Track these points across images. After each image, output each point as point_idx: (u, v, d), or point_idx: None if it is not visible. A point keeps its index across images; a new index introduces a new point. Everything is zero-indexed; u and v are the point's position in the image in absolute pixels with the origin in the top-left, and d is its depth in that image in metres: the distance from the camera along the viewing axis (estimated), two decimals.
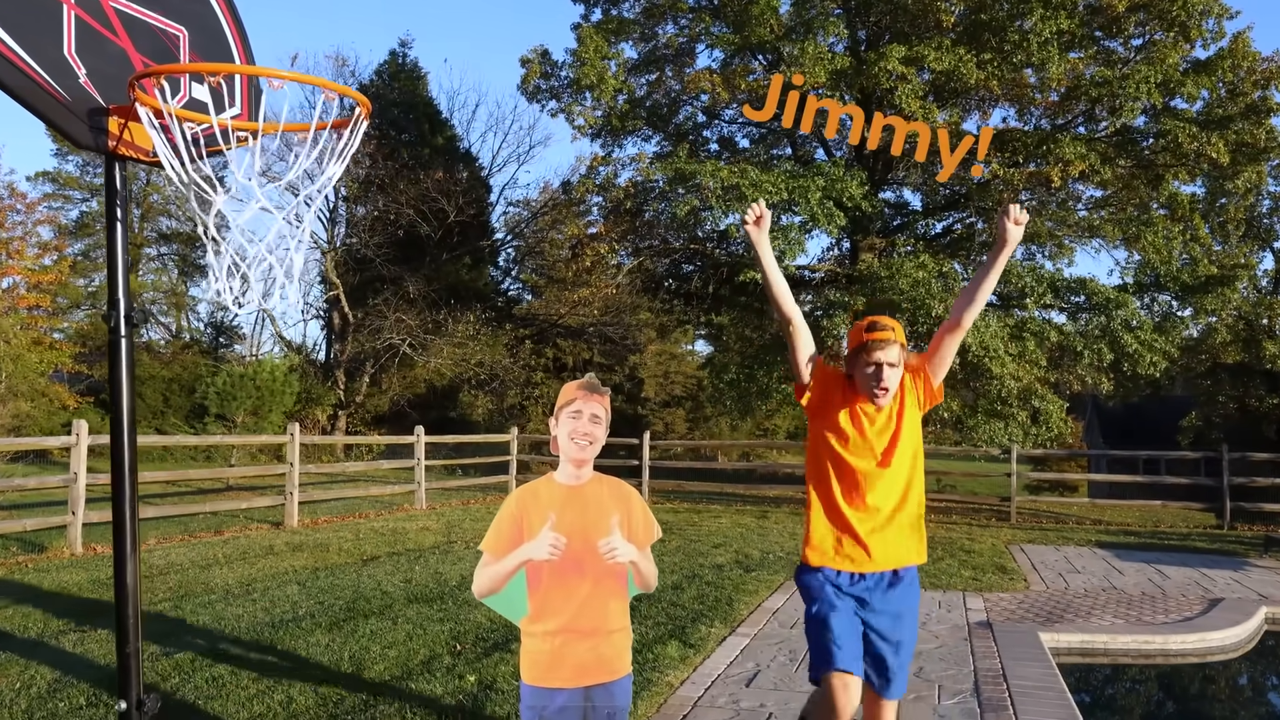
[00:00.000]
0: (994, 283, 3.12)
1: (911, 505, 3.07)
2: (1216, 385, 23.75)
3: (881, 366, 2.97)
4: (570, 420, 2.71)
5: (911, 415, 3.08)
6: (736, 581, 7.75)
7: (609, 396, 2.86)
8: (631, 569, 2.75)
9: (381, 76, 32.87)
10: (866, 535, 3.00)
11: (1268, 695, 5.82)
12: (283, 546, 9.71)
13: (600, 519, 2.69)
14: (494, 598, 2.70)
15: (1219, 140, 15.61)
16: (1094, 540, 11.36)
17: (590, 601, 2.65)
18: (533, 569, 2.65)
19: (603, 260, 21.54)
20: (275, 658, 5.23)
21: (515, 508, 2.70)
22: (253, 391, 20.86)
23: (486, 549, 2.69)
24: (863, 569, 3.03)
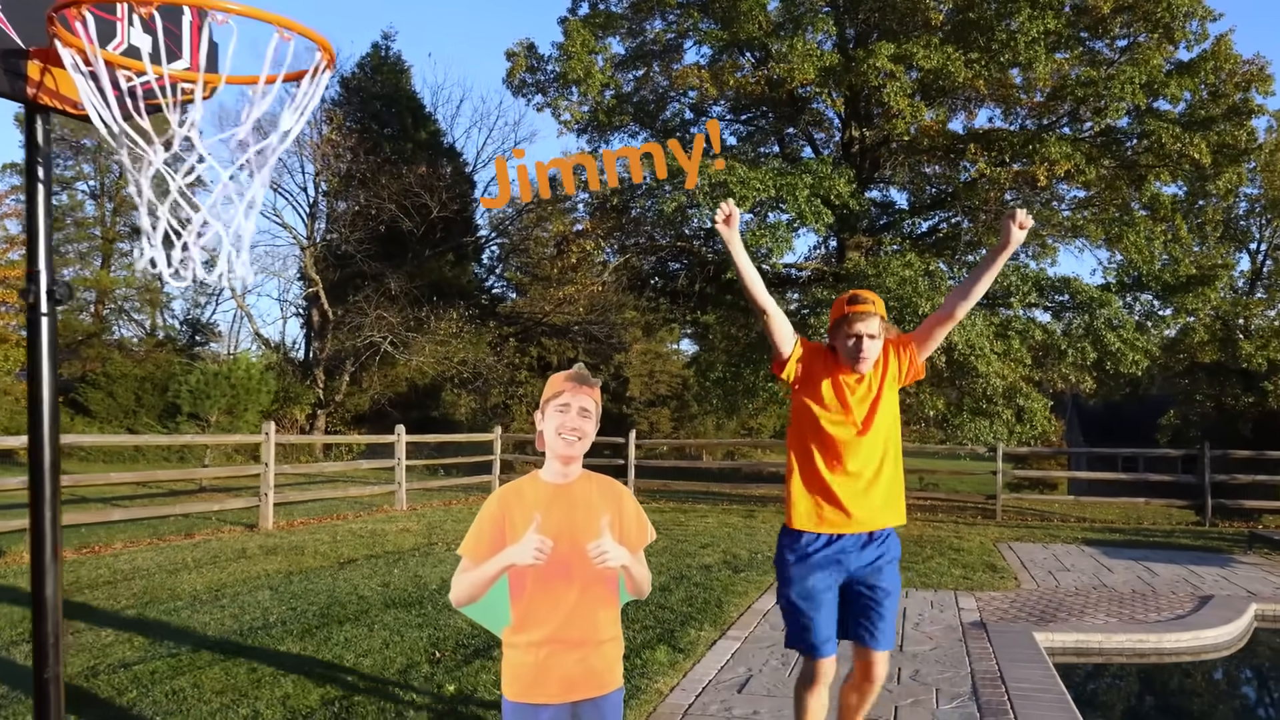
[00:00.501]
0: (990, 281, 3.19)
1: (888, 471, 3.16)
2: (1194, 384, 23.90)
3: (862, 338, 3.05)
4: (558, 414, 2.53)
5: (891, 388, 3.17)
6: (725, 582, 7.61)
7: (599, 389, 2.68)
8: (623, 574, 2.57)
9: (364, 69, 32.48)
10: (847, 500, 3.10)
11: (1263, 693, 5.75)
12: (256, 550, 9.42)
13: (589, 520, 2.51)
14: (473, 606, 2.51)
15: (1201, 141, 15.64)
16: (1080, 538, 11.31)
17: (578, 609, 2.47)
18: (516, 575, 2.47)
19: (588, 257, 21.38)
20: (242, 669, 5.01)
21: (497, 508, 2.51)
22: (227, 390, 20.41)
23: (465, 553, 2.50)
24: (841, 531, 3.13)
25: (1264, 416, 22.21)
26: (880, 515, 3.16)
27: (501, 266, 36.82)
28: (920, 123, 17.65)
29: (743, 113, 22.49)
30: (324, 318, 29.57)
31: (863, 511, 3.12)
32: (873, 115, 20.37)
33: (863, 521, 3.13)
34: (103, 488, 14.95)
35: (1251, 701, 5.63)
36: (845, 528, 3.12)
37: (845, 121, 20.85)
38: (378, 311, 27.47)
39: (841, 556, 3.14)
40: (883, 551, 3.17)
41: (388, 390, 31.32)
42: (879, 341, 3.09)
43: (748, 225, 18.67)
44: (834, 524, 3.13)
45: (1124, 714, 5.38)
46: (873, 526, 3.15)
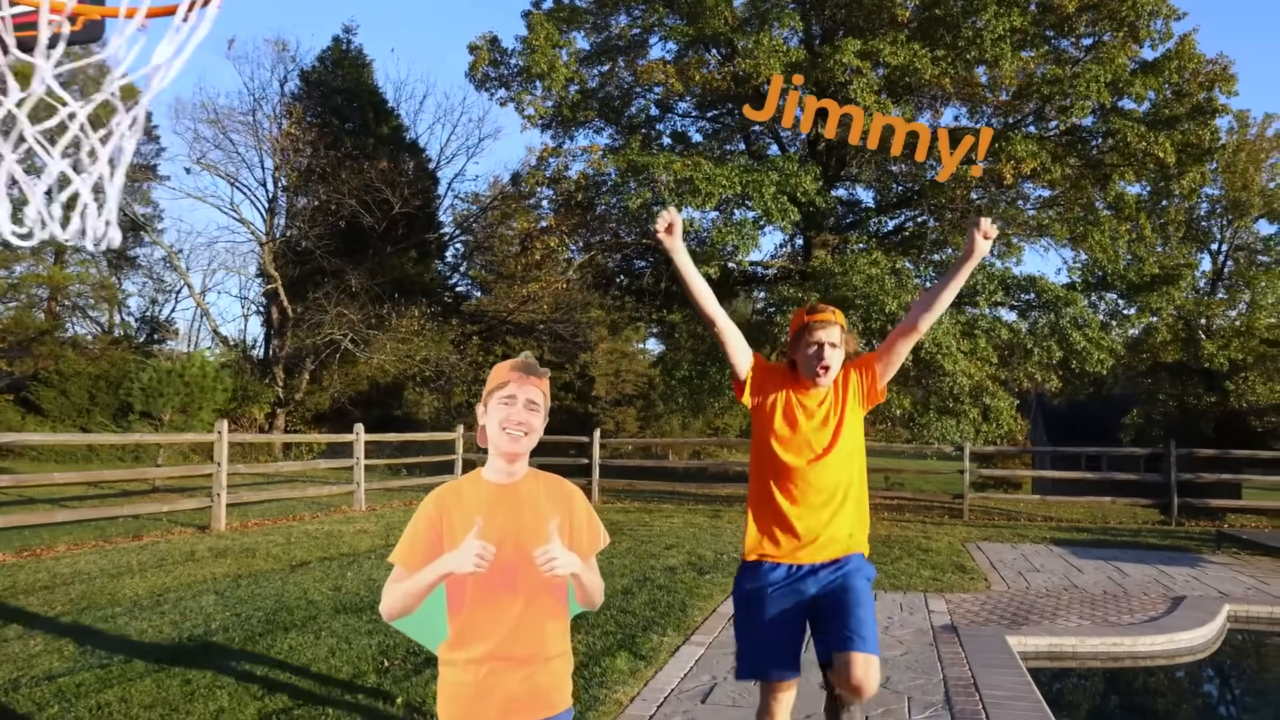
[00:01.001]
0: (955, 292, 3.07)
1: (852, 500, 2.99)
2: (1157, 384, 24.13)
3: (823, 346, 2.92)
4: (501, 407, 2.29)
5: (854, 412, 3.02)
6: (690, 585, 7.38)
7: (548, 379, 2.42)
8: (573, 582, 2.33)
9: (324, 63, 31.97)
10: (805, 532, 2.94)
11: (1240, 696, 5.62)
12: (205, 552, 9.08)
13: (536, 523, 2.27)
14: (406, 620, 2.25)
15: (1166, 140, 15.68)
16: (1048, 537, 11.24)
17: (523, 623, 2.23)
18: (454, 584, 2.22)
19: (553, 254, 21.06)
20: (176, 680, 4.70)
21: (434, 510, 2.26)
22: (181, 388, 19.86)
23: (398, 560, 2.24)
24: (799, 561, 2.96)
25: (1225, 416, 22.46)
26: (838, 547, 2.96)
27: (466, 265, 36.43)
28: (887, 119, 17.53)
29: (708, 109, 22.30)
30: (283, 315, 29.04)
31: (819, 543, 2.95)
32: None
33: (819, 554, 2.95)
34: (52, 488, 14.52)
35: (1229, 705, 5.50)
36: (802, 558, 2.95)
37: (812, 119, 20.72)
38: (338, 309, 27.00)
39: (800, 585, 2.95)
40: (846, 565, 2.96)
41: (349, 389, 30.80)
42: (840, 352, 2.94)
43: (714, 223, 18.49)
44: (791, 555, 2.95)
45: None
46: (830, 557, 2.96)
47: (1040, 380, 18.15)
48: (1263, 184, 23.17)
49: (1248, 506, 14.90)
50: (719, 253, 17.91)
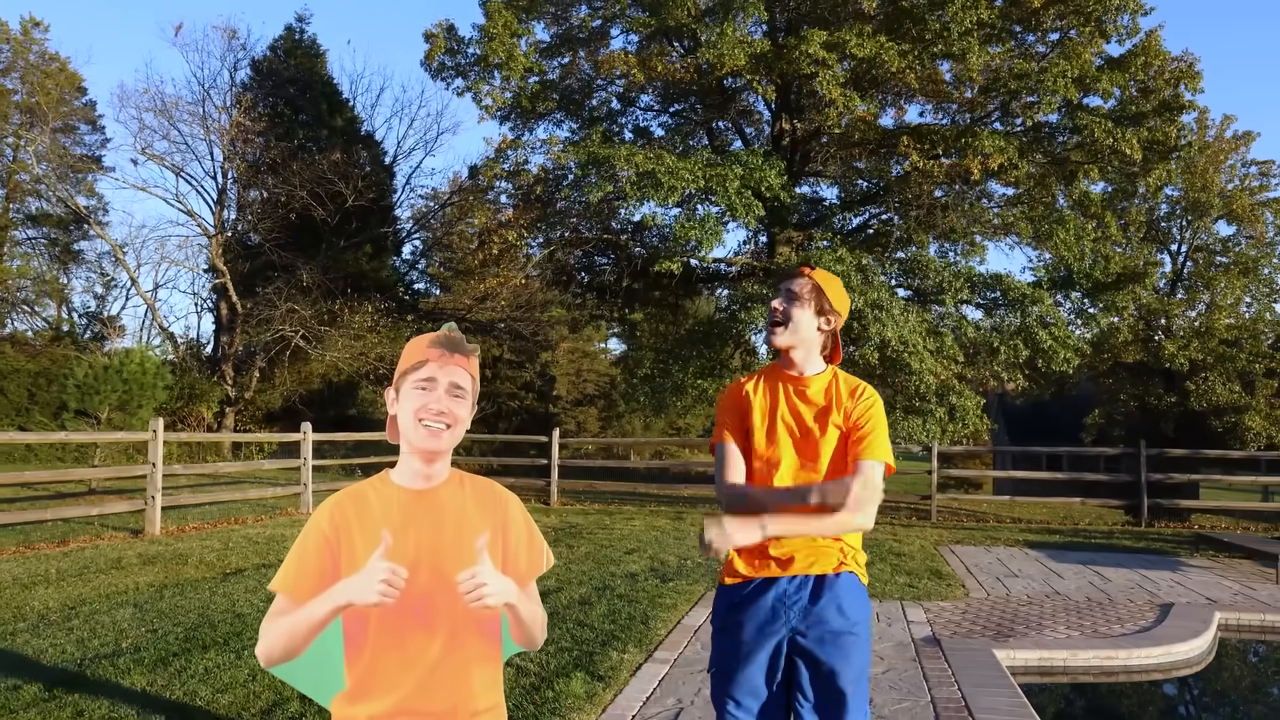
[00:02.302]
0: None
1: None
2: (1118, 384, 24.12)
3: (779, 294, 2.45)
4: (418, 393, 1.80)
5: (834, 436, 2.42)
6: (652, 594, 6.90)
7: (477, 356, 1.92)
8: (507, 616, 1.84)
9: (276, 52, 31.09)
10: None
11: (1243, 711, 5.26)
12: (134, 559, 8.45)
13: (460, 540, 1.79)
14: (291, 665, 1.75)
15: (1133, 136, 15.53)
16: (1021, 540, 10.93)
17: (442, 668, 1.74)
18: (354, 620, 1.73)
19: (511, 249, 20.48)
20: (68, 711, 4.12)
21: (328, 523, 1.76)
22: (119, 385, 19.00)
23: (280, 588, 1.74)
24: (774, 574, 2.38)
25: (1186, 416, 22.50)
26: (821, 557, 2.36)
27: (424, 261, 35.70)
28: (853, 114, 17.25)
29: (671, 103, 21.90)
30: (233, 311, 28.15)
31: (800, 552, 2.36)
32: (804, 107, 19.95)
33: (799, 562, 2.36)
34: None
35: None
36: (779, 570, 2.38)
37: (776, 113, 20.40)
38: (289, 304, 26.19)
39: (783, 608, 2.35)
40: (841, 616, 2.32)
41: (301, 387, 29.94)
42: (806, 310, 2.40)
43: (676, 218, 18.08)
44: (768, 565, 2.38)
45: None
46: (812, 569, 2.35)
47: (1006, 379, 17.97)
48: (1221, 185, 23.28)
49: (1216, 507, 14.73)
50: (682, 249, 17.49)
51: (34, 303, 35.74)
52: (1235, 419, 21.40)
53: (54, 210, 34.18)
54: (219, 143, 28.63)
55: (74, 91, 35.39)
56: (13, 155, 33.21)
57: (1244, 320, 23.40)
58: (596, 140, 17.89)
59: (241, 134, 27.98)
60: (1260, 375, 22.23)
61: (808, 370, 2.44)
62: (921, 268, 17.69)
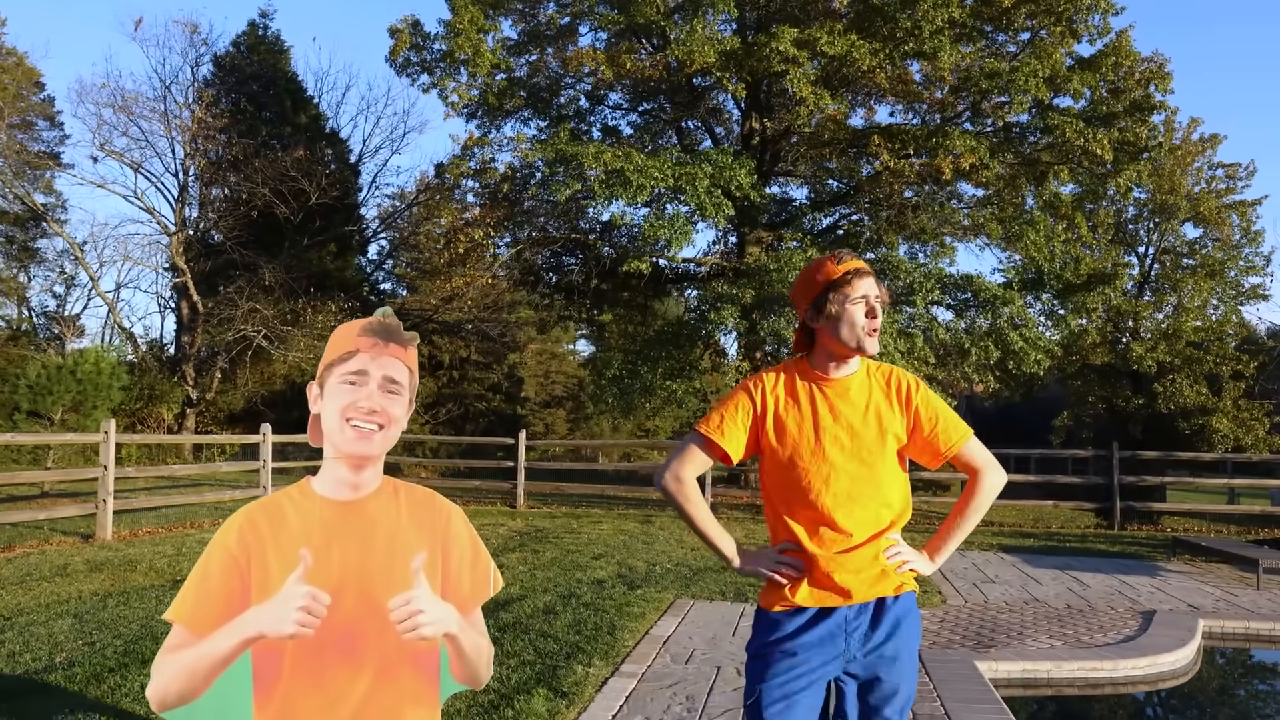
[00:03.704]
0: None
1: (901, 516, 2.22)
2: (1086, 386, 24.17)
3: (868, 301, 2.14)
4: (346, 388, 1.56)
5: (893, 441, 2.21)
6: (620, 602, 6.63)
7: (415, 346, 1.67)
8: (447, 648, 1.59)
9: (239, 48, 30.46)
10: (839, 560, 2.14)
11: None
12: (80, 565, 8.10)
13: (393, 560, 1.55)
14: (188, 710, 1.48)
15: (1104, 137, 15.50)
16: (995, 544, 10.80)
17: (369, 710, 1.50)
18: (266, 654, 1.47)
19: (477, 248, 20.12)
20: None
21: (235, 542, 1.52)
22: (73, 385, 18.47)
23: (178, 618, 1.48)
24: (836, 603, 2.14)
25: (1153, 418, 22.58)
26: (887, 577, 2.16)
27: (391, 261, 35.19)
28: (823, 113, 17.10)
29: (640, 102, 21.66)
30: (194, 310, 27.53)
31: (864, 571, 2.15)
32: (774, 105, 19.80)
33: (868, 587, 2.16)
34: None
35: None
36: (841, 599, 2.17)
37: (746, 112, 20.23)
38: (250, 304, 25.64)
39: (839, 634, 2.14)
40: (900, 639, 2.16)
41: (263, 388, 29.30)
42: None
43: (645, 217, 17.84)
44: (827, 595, 2.16)
45: None
46: (879, 591, 2.16)
47: (977, 380, 17.90)
48: (1188, 187, 23.40)
49: (1188, 510, 14.65)
50: (651, 248, 17.25)
51: None
52: (1202, 421, 21.49)
53: (11, 208, 33.33)
54: (180, 139, 28.02)
55: (31, 87, 34.52)
56: None
57: (1211, 322, 23.53)
58: (564, 138, 17.60)
59: (203, 130, 27.40)
60: (1227, 378, 22.36)
61: (847, 370, 2.19)
62: (892, 268, 17.58)
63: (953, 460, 2.23)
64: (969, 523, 2.24)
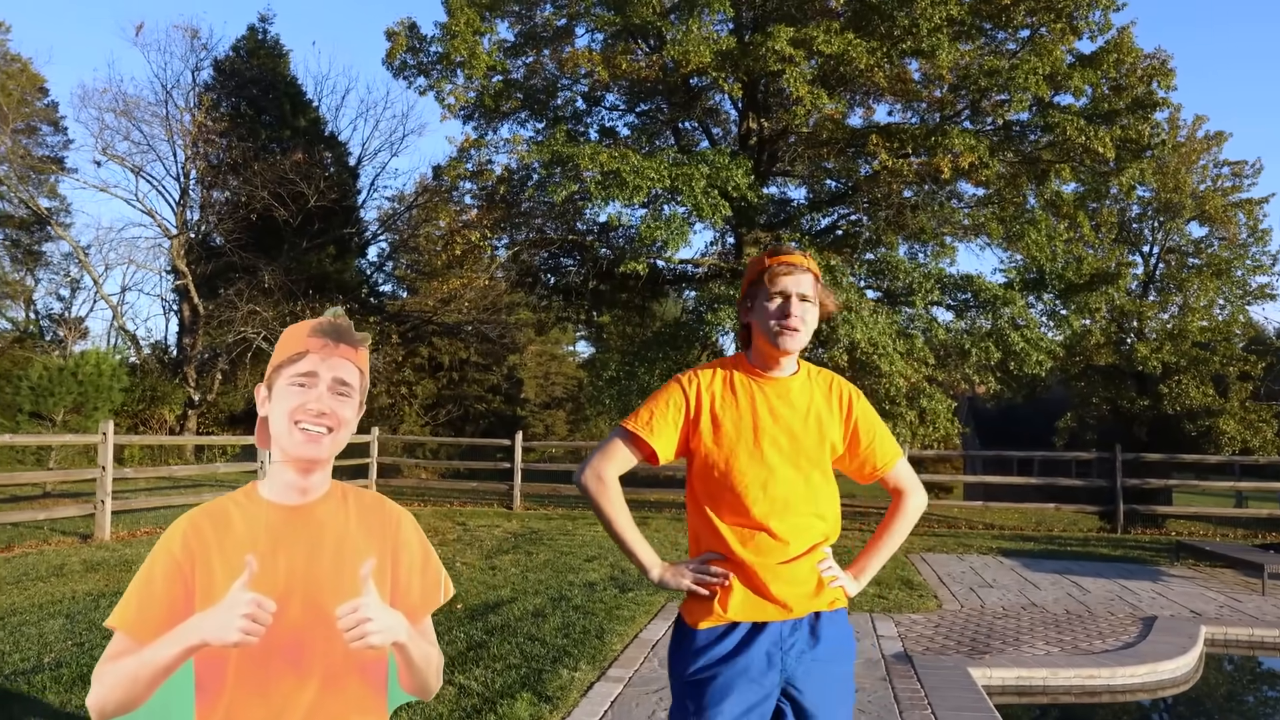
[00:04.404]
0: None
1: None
2: (1090, 387, 23.94)
3: (790, 298, 2.03)
4: (294, 390, 1.54)
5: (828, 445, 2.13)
6: (610, 605, 6.53)
7: (367, 347, 1.65)
8: (396, 657, 1.55)
9: (239, 52, 30.51)
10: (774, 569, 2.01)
11: None
12: (77, 565, 8.10)
13: (340, 566, 1.53)
14: (128, 718, 1.44)
15: (1105, 134, 15.35)
16: (994, 547, 10.65)
17: (315, 718, 1.47)
18: (209, 662, 1.46)
19: (475, 249, 20.05)
20: None
21: (179, 547, 1.48)
22: (74, 387, 18.58)
23: (119, 625, 1.46)
24: (770, 617, 2.00)
25: (1159, 420, 22.35)
26: (824, 590, 2.06)
27: (391, 264, 35.21)
28: (820, 112, 16.98)
29: (637, 103, 21.58)
30: (194, 313, 27.60)
31: (804, 584, 2.04)
32: (771, 105, 19.68)
33: (806, 600, 2.04)
34: None
35: None
36: (778, 613, 2.04)
37: (743, 113, 20.12)
38: (250, 306, 25.69)
39: (774, 652, 2.00)
40: (839, 651, 2.07)
41: None
42: (815, 309, 2.08)
43: (642, 218, 17.75)
44: (761, 608, 2.03)
45: None
46: (816, 606, 2.05)
47: (978, 381, 17.75)
48: (1194, 185, 23.17)
49: (1193, 513, 14.41)
50: (648, 249, 17.14)
51: None
52: (1209, 423, 21.27)
53: (16, 212, 33.52)
54: (181, 143, 28.13)
55: (35, 92, 34.73)
56: None
57: (1217, 323, 23.26)
58: (560, 139, 17.52)
59: (203, 134, 27.51)
60: (1234, 379, 22.12)
61: (787, 370, 2.09)
62: (891, 269, 17.45)
63: (881, 479, 2.16)
64: (893, 543, 2.19)
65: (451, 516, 13.14)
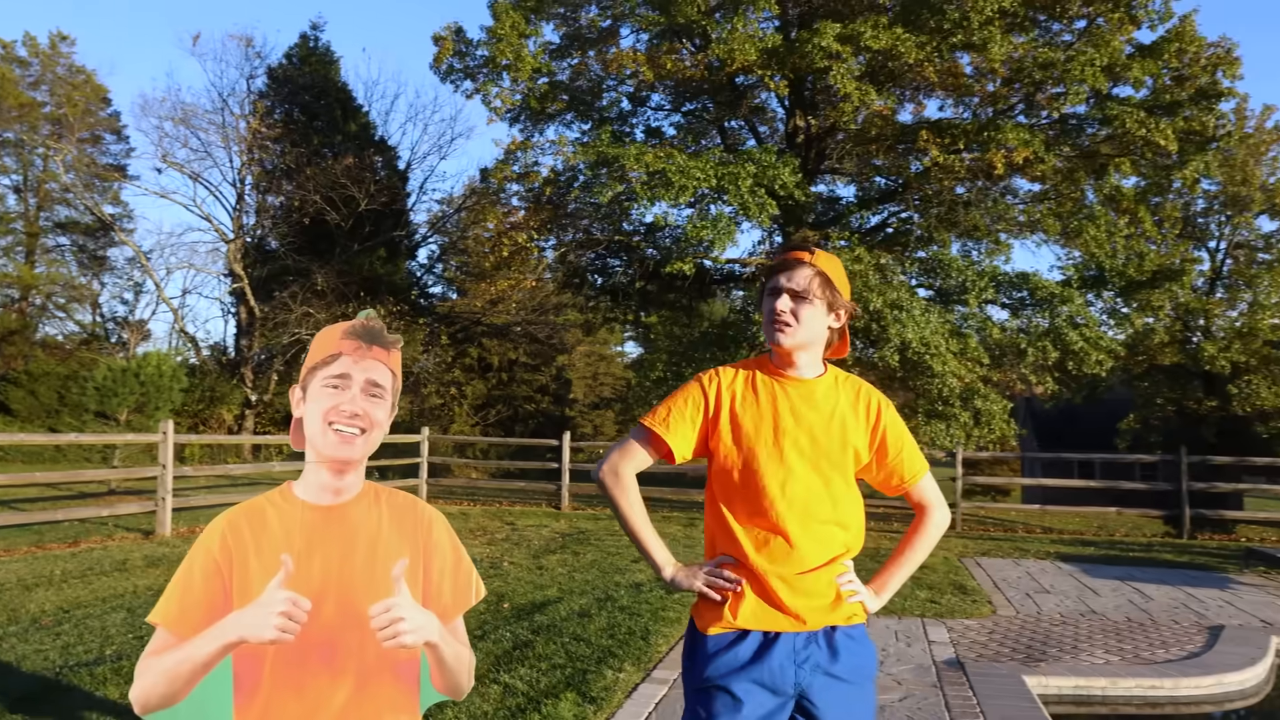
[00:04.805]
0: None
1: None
2: (1154, 387, 23.23)
3: (781, 293, 1.97)
4: (328, 392, 1.56)
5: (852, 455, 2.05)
6: (656, 607, 6.47)
7: (399, 349, 1.64)
8: (428, 657, 1.56)
9: (291, 60, 31.09)
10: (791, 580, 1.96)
11: None
12: (139, 561, 8.31)
13: (373, 566, 1.56)
14: (169, 713, 1.49)
15: (1167, 126, 14.88)
16: (1052, 552, 10.35)
17: (348, 717, 1.50)
18: (246, 659, 1.49)
19: (522, 251, 20.14)
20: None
21: (217, 546, 1.54)
22: (136, 388, 19.10)
23: (161, 621, 1.52)
24: (782, 628, 1.93)
25: (1227, 421, 21.56)
26: (841, 604, 1.99)
27: (441, 266, 35.60)
28: (869, 109, 16.73)
29: (683, 103, 21.50)
30: (251, 315, 28.24)
31: (820, 597, 1.98)
32: (818, 103, 19.45)
33: (821, 613, 1.97)
34: (8, 489, 13.88)
35: None
36: (790, 624, 1.98)
37: (789, 110, 19.92)
38: (303, 308, 26.17)
39: (788, 663, 1.93)
40: (858, 666, 1.98)
41: None
42: (816, 307, 1.96)
43: (689, 218, 17.67)
44: (772, 618, 1.98)
45: None
46: (833, 619, 1.98)
47: (1035, 382, 17.34)
48: (1263, 178, 22.32)
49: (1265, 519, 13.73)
50: (694, 249, 17.05)
51: (65, 307, 36.18)
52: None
53: (82, 218, 34.68)
54: (237, 150, 28.80)
55: (99, 102, 35.89)
56: (42, 165, 33.85)
57: None
58: (606, 140, 17.51)
59: (258, 141, 28.12)
60: None
61: (810, 372, 2.00)
62: (943, 267, 17.13)
63: (906, 493, 2.08)
64: (915, 559, 2.12)
65: (500, 516, 13.18)
